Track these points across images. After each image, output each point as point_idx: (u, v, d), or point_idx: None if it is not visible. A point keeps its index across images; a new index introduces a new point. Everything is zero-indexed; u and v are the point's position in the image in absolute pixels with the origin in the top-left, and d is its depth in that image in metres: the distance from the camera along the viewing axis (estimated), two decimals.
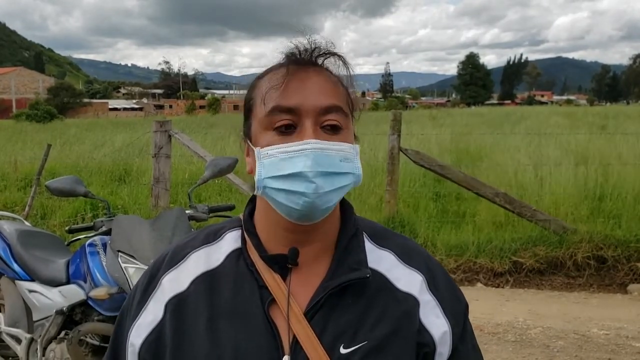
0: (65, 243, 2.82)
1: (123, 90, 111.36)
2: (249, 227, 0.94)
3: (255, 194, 0.90)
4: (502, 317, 4.34)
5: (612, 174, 6.74)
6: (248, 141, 0.91)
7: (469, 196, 6.44)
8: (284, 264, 0.90)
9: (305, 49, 0.89)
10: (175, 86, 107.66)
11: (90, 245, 2.50)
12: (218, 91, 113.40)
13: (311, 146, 0.83)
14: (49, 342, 2.52)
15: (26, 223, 3.29)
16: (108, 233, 2.45)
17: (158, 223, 2.42)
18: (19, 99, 57.75)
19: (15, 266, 2.76)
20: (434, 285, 0.95)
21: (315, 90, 0.85)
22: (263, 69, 0.93)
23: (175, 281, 0.93)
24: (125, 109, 70.94)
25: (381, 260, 0.95)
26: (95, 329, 2.41)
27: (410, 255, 0.97)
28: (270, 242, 0.92)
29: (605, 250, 5.17)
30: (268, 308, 0.88)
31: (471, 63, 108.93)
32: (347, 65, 0.90)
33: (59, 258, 2.72)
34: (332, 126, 0.86)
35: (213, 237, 0.97)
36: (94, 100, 73.71)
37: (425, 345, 0.90)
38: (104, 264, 2.38)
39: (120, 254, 2.31)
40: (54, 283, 2.59)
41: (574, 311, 4.51)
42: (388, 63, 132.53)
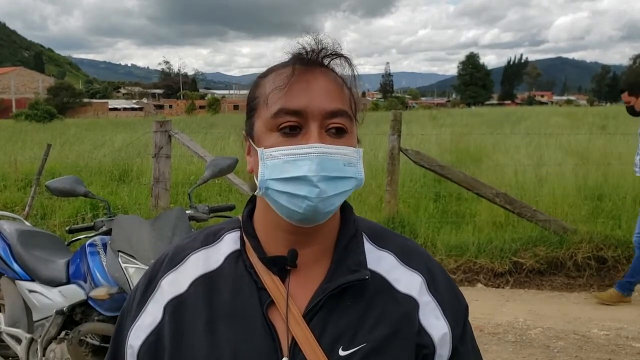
0: (66, 243, 2.82)
1: (123, 90, 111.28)
2: (248, 229, 0.94)
3: (256, 194, 0.89)
4: (502, 318, 4.34)
5: (612, 174, 6.74)
6: (250, 140, 0.90)
7: (469, 196, 6.44)
8: (282, 266, 0.90)
9: (312, 49, 0.87)
10: (175, 86, 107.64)
11: (90, 245, 2.50)
12: (218, 91, 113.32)
13: (316, 150, 0.82)
14: (49, 342, 2.52)
15: (26, 223, 3.29)
16: (108, 233, 2.45)
17: (158, 223, 2.42)
18: (18, 99, 57.74)
19: (16, 266, 2.76)
20: (433, 287, 0.94)
21: (321, 92, 0.84)
22: (263, 69, 0.92)
23: (175, 283, 0.92)
24: (125, 109, 70.91)
25: (381, 261, 0.94)
26: (96, 329, 2.41)
27: (410, 256, 0.96)
28: (270, 244, 0.91)
29: (605, 250, 5.17)
30: (267, 310, 0.87)
31: (471, 63, 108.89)
32: (353, 67, 0.89)
33: (59, 258, 2.72)
34: (337, 129, 0.85)
35: (212, 239, 0.97)
36: (94, 100, 73.68)
37: (424, 347, 0.90)
38: (104, 264, 2.38)
39: (120, 254, 2.30)
40: (54, 283, 2.59)
41: (574, 311, 4.50)
42: (388, 63, 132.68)
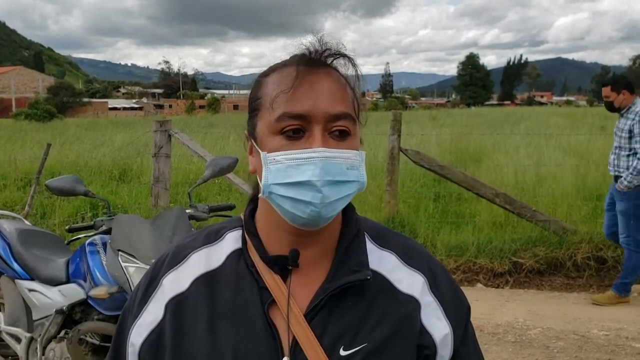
0: (65, 242, 2.82)
1: (123, 90, 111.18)
2: (249, 228, 0.94)
3: (260, 196, 0.89)
4: (502, 318, 4.34)
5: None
6: (252, 141, 0.90)
7: (469, 196, 6.43)
8: (284, 265, 0.90)
9: (315, 50, 0.87)
10: (175, 86, 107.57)
11: (90, 244, 2.50)
12: (218, 91, 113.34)
13: (319, 154, 0.82)
14: (49, 342, 2.51)
15: (26, 222, 3.29)
16: (108, 232, 2.45)
17: (158, 222, 2.42)
18: (18, 98, 57.69)
19: (15, 265, 2.76)
20: (435, 287, 0.94)
21: (325, 95, 0.83)
22: (263, 69, 0.91)
23: (176, 281, 0.92)
24: (125, 109, 70.88)
25: (383, 261, 0.94)
26: (95, 328, 2.40)
27: (412, 256, 0.96)
28: (271, 243, 0.91)
29: (605, 250, 5.17)
30: (268, 309, 0.87)
31: (471, 63, 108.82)
32: (356, 67, 0.88)
33: (58, 257, 2.72)
34: (341, 132, 0.84)
35: (214, 237, 0.96)
36: (94, 100, 73.60)
37: (425, 348, 0.89)
38: (104, 263, 2.38)
39: (120, 253, 2.30)
40: (53, 282, 2.59)
41: (573, 312, 4.51)
42: (388, 63, 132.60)
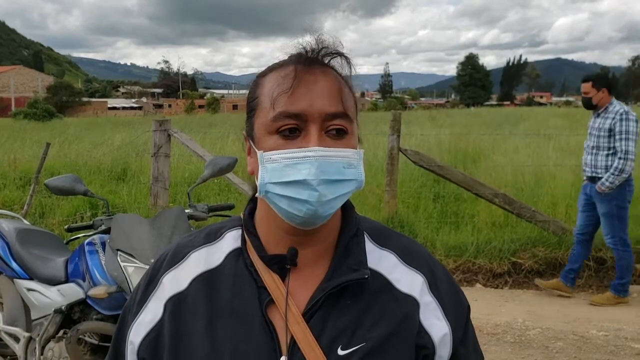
0: (64, 242, 2.82)
1: (122, 89, 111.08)
2: (249, 227, 0.94)
3: (257, 196, 0.89)
4: (501, 318, 4.34)
5: None
6: (250, 141, 0.90)
7: (468, 197, 6.43)
8: (283, 265, 0.90)
9: (312, 49, 0.87)
10: (174, 85, 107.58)
11: (89, 244, 2.50)
12: (217, 91, 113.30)
13: (315, 153, 0.82)
14: (48, 341, 2.51)
15: (25, 222, 3.28)
16: (107, 232, 2.45)
17: (157, 222, 2.41)
18: (17, 98, 57.63)
19: (14, 265, 2.76)
20: (435, 287, 0.94)
21: (322, 94, 0.84)
22: (263, 68, 0.91)
23: (176, 280, 0.92)
24: (124, 108, 70.85)
25: (382, 260, 0.93)
26: (94, 328, 2.40)
27: (411, 256, 0.96)
28: (270, 243, 0.91)
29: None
30: (266, 308, 0.87)
31: (470, 64, 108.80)
32: (351, 66, 0.89)
33: (57, 257, 2.72)
34: (338, 130, 0.85)
35: (213, 237, 0.96)
36: (93, 99, 73.54)
37: (424, 347, 0.89)
38: (103, 262, 2.38)
39: (119, 252, 2.30)
40: (52, 282, 2.59)
41: (573, 312, 4.51)
42: (387, 63, 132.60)
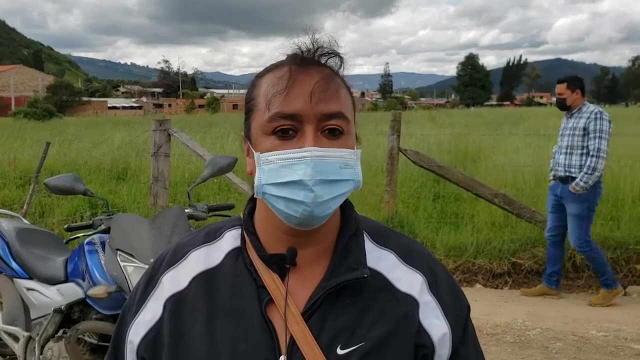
0: (64, 241, 2.81)
1: (122, 89, 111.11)
2: (248, 227, 0.94)
3: (255, 197, 0.89)
4: (501, 318, 4.34)
5: (611, 175, 6.73)
6: (248, 142, 0.90)
7: (468, 197, 6.43)
8: (282, 264, 0.90)
9: (308, 49, 0.87)
10: (174, 85, 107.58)
11: (88, 243, 2.50)
12: (217, 90, 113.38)
13: (311, 154, 0.82)
14: (47, 341, 2.51)
15: (25, 221, 3.28)
16: (107, 231, 2.44)
17: (157, 222, 2.41)
18: (17, 97, 57.62)
19: (14, 264, 2.76)
20: (435, 286, 0.93)
21: (317, 94, 0.83)
22: (262, 68, 0.91)
23: (175, 279, 0.92)
24: (124, 108, 70.87)
25: (381, 260, 0.93)
26: (94, 328, 2.40)
27: (411, 255, 0.95)
28: (270, 243, 0.91)
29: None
30: (265, 308, 0.87)
31: (470, 64, 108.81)
32: (343, 65, 0.89)
33: (57, 256, 2.72)
34: (334, 130, 0.84)
35: (213, 236, 0.96)
36: (93, 99, 73.58)
37: (423, 347, 0.89)
38: (103, 262, 2.38)
39: (119, 252, 2.30)
40: (52, 281, 2.58)
41: (572, 313, 4.51)
42: (387, 63, 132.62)
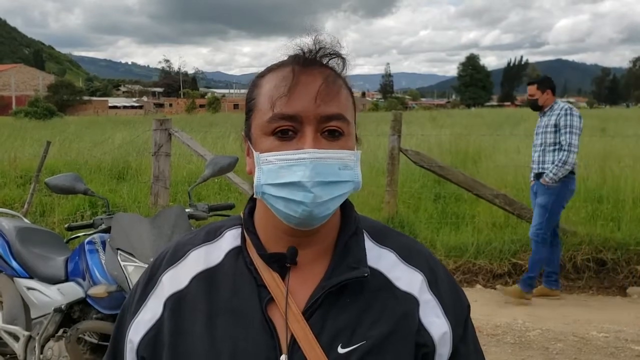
0: (65, 241, 2.81)
1: (123, 88, 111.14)
2: (248, 226, 0.94)
3: (254, 197, 0.89)
4: (501, 319, 4.34)
5: (612, 176, 6.74)
6: (249, 141, 0.90)
7: (468, 197, 6.43)
8: (282, 263, 0.90)
9: (309, 50, 0.87)
10: (175, 85, 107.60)
11: (89, 243, 2.50)
12: (218, 90, 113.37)
13: (310, 155, 0.82)
14: (47, 340, 2.51)
15: (25, 220, 3.28)
16: (107, 231, 2.44)
17: (158, 221, 2.41)
18: (18, 96, 57.66)
19: (14, 263, 2.76)
20: (435, 285, 0.93)
21: (318, 95, 0.84)
22: (263, 68, 0.91)
23: (175, 279, 0.92)
24: (125, 107, 70.93)
25: (381, 259, 0.94)
26: (94, 327, 2.40)
27: (411, 254, 0.96)
28: (270, 242, 0.91)
29: (604, 252, 5.17)
30: (266, 307, 0.87)
31: (471, 64, 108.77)
32: (345, 67, 0.89)
33: (57, 255, 2.72)
34: (332, 131, 0.85)
35: (213, 235, 0.97)
36: (94, 98, 73.61)
37: (424, 346, 0.89)
38: (103, 262, 2.38)
39: (119, 252, 2.30)
40: (52, 281, 2.58)
41: (573, 313, 4.50)
42: (388, 64, 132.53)
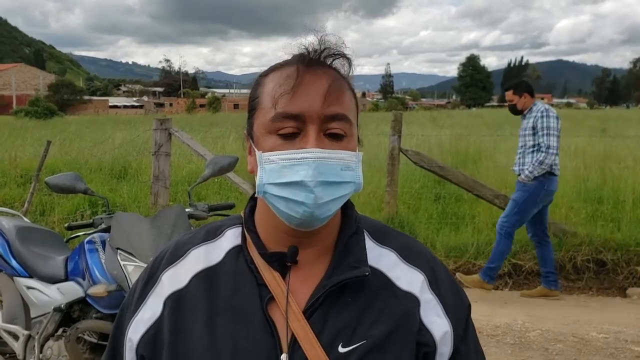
0: (64, 240, 2.81)
1: (123, 88, 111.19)
2: (249, 225, 0.94)
3: (256, 196, 0.89)
4: (501, 320, 4.34)
5: (612, 177, 6.74)
6: (251, 140, 0.90)
7: (468, 197, 6.43)
8: (283, 262, 0.90)
9: (314, 50, 0.87)
10: (175, 84, 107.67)
11: (89, 242, 2.50)
12: (218, 90, 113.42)
13: (313, 155, 0.82)
14: (47, 339, 2.51)
15: (25, 219, 3.28)
16: (107, 230, 2.44)
17: (157, 221, 2.41)
18: (19, 96, 57.66)
19: (14, 262, 2.76)
20: (435, 285, 0.93)
21: (322, 95, 0.84)
22: (264, 68, 0.91)
23: (175, 277, 0.92)
24: (125, 107, 70.96)
25: (382, 258, 0.94)
26: (94, 327, 2.40)
27: (411, 254, 0.96)
28: (270, 241, 0.91)
29: (604, 253, 5.17)
30: (267, 306, 0.87)
31: (472, 65, 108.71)
32: (351, 68, 0.89)
33: (57, 255, 2.71)
34: (336, 133, 0.85)
35: (213, 234, 0.96)
36: (94, 98, 73.63)
37: (425, 345, 0.89)
38: (103, 261, 2.38)
39: (119, 251, 2.30)
40: (52, 280, 2.58)
41: (573, 314, 4.50)
42: (389, 64, 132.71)
